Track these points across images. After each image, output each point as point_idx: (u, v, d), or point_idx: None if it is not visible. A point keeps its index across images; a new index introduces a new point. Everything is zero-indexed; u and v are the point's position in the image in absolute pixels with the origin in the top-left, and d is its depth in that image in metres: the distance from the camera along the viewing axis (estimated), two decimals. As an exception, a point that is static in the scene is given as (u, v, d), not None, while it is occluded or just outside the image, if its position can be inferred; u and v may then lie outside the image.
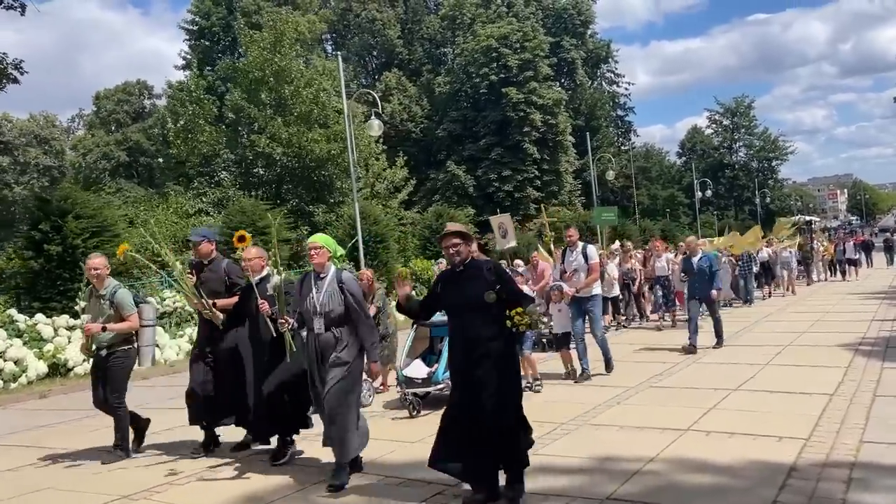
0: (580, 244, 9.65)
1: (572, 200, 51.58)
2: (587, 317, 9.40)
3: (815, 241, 26.79)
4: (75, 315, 15.45)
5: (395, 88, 51.67)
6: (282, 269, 6.12)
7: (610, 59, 67.19)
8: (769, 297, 19.95)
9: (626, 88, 70.67)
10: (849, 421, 6.47)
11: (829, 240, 29.26)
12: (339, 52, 23.15)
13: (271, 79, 27.02)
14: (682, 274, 13.60)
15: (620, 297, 14.72)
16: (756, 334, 12.91)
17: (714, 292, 11.49)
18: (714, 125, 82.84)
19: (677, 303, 15.08)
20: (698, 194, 52.60)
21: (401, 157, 38.46)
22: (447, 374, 7.06)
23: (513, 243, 12.92)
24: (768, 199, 77.99)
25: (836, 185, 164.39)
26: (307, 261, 11.26)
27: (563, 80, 56.52)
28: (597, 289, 9.47)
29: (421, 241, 27.82)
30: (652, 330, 14.50)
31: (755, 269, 19.27)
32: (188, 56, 51.40)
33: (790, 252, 20.94)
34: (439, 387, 7.83)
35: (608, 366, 9.63)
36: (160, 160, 46.38)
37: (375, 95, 19.86)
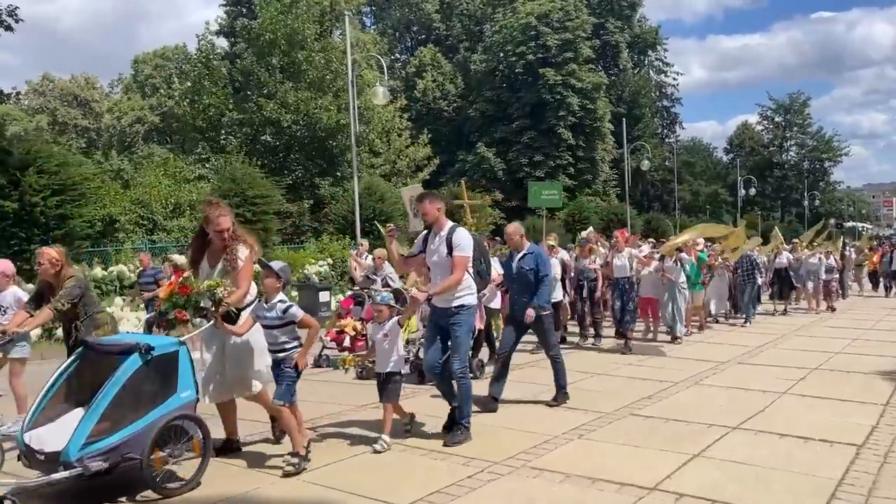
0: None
1: (606, 190, 49.31)
2: (455, 338, 6.02)
3: (848, 248, 22.98)
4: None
5: (430, 65, 49.89)
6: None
7: (658, 47, 64.32)
8: (785, 313, 16.33)
9: (675, 79, 67.78)
10: (880, 491, 4.73)
11: (872, 248, 25.59)
12: (346, 13, 21.42)
13: (283, 42, 25.59)
14: (657, 273, 11.83)
15: (567, 299, 11.77)
16: (779, 351, 11.03)
17: (530, 312, 7.04)
18: (765, 121, 79.25)
19: (650, 316, 12.35)
20: (741, 192, 49.90)
21: (425, 134, 36.75)
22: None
23: None
24: (817, 202, 74.41)
25: (893, 193, 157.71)
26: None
27: (605, 64, 53.97)
28: (466, 298, 6.04)
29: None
30: (610, 352, 11.04)
31: (761, 278, 15.21)
32: (222, 22, 50.38)
33: (820, 259, 17.16)
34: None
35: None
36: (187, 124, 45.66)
37: (383, 61, 18.19)
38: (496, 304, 9.50)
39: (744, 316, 14.59)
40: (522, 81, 45.96)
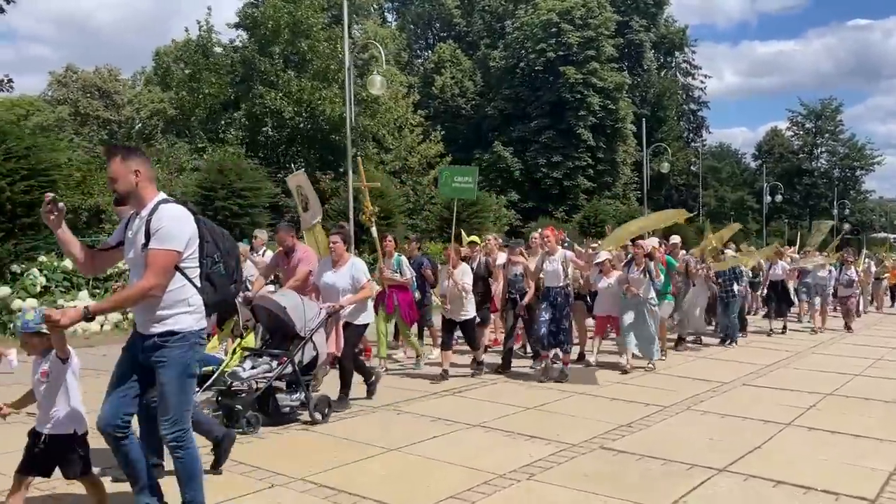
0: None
1: (627, 193, 47.91)
2: (160, 386, 3.79)
3: (866, 260, 20.50)
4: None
5: (449, 61, 48.84)
6: None
7: (686, 48, 62.73)
8: (784, 331, 13.92)
9: (702, 81, 66.12)
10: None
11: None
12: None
13: (286, 31, 24.74)
14: (619, 286, 9.80)
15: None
16: (791, 372, 9.86)
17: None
18: (795, 127, 77.05)
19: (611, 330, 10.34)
20: (767, 198, 48.23)
21: (437, 131, 35.71)
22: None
23: (318, 217, 9.27)
24: (847, 211, 72.12)
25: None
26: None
27: (628, 64, 52.51)
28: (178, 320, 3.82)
29: (438, 222, 25.20)
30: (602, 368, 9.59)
31: (741, 288, 12.64)
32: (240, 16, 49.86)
33: (829, 271, 14.81)
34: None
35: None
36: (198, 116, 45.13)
37: (380, 48, 17.21)
38: (364, 318, 7.26)
39: (727, 337, 12.21)
40: (542, 80, 44.78)
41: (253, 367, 6.27)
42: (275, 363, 6.31)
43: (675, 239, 12.35)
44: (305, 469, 5.04)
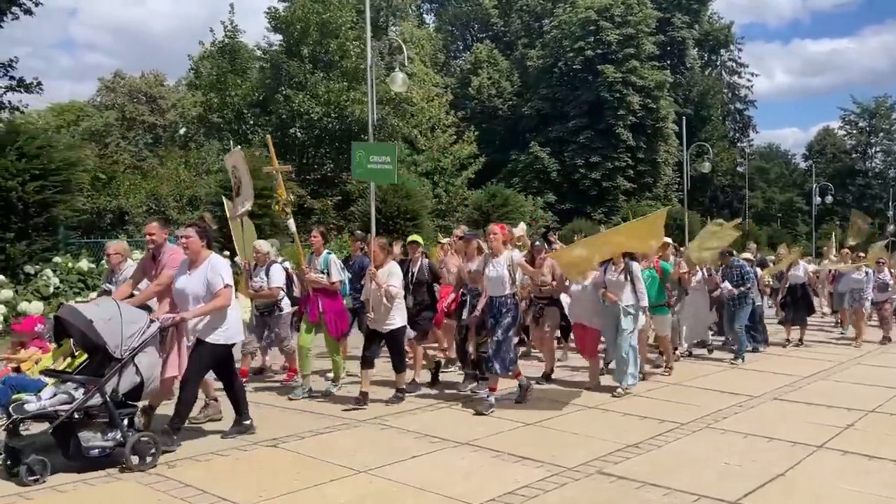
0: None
1: (668, 195, 46.58)
2: None
3: None
4: (5, 270, 13.36)
5: (486, 62, 48.20)
6: None
7: (731, 46, 60.93)
8: (800, 343, 12.34)
9: (749, 80, 64.12)
10: None
11: None
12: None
13: (315, 32, 24.45)
14: (596, 290, 8.31)
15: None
16: (830, 384, 8.99)
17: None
18: (848, 126, 74.37)
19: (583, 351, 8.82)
20: (816, 199, 46.35)
21: (471, 131, 35.12)
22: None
23: (248, 205, 8.05)
24: (903, 213, 69.26)
25: None
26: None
27: (670, 62, 51.08)
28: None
29: (469, 223, 24.59)
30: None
31: (756, 293, 11.30)
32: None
33: (867, 273, 12.97)
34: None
35: None
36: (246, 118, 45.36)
37: (401, 42, 16.71)
38: (223, 336, 5.74)
39: (736, 351, 10.67)
40: (580, 79, 43.79)
41: (53, 397, 4.97)
42: (80, 391, 4.97)
43: (667, 239, 9.88)
44: (255, 495, 4.51)
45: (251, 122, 25.69)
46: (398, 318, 7.33)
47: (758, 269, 11.61)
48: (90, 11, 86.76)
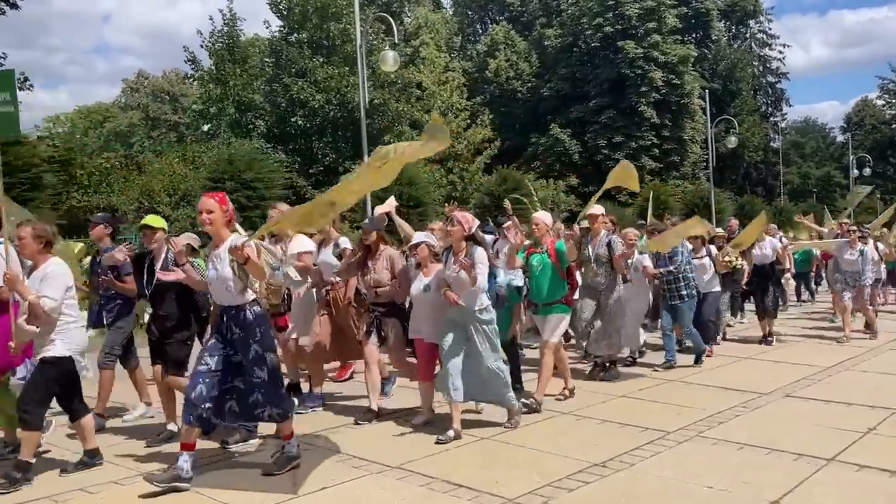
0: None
1: (696, 173, 44.88)
2: None
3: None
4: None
5: (503, 43, 46.88)
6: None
7: (761, 16, 58.63)
8: (765, 339, 10.02)
9: (781, 52, 61.70)
10: None
11: None
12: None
13: (314, 17, 23.57)
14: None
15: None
16: (854, 375, 7.85)
17: None
18: (887, 95, 71.35)
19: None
20: (854, 172, 44.32)
21: (485, 114, 33.98)
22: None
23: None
24: (946, 184, 66.30)
25: None
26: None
27: (695, 36, 49.16)
28: None
29: (480, 209, 23.59)
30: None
31: (713, 283, 9.18)
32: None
33: (861, 252, 10.34)
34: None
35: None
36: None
37: (391, 20, 15.75)
38: None
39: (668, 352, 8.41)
40: (601, 56, 42.29)
41: None
42: None
43: (598, 209, 7.60)
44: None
45: (250, 114, 24.93)
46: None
47: (712, 248, 9.42)
48: (124, 16, 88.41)
